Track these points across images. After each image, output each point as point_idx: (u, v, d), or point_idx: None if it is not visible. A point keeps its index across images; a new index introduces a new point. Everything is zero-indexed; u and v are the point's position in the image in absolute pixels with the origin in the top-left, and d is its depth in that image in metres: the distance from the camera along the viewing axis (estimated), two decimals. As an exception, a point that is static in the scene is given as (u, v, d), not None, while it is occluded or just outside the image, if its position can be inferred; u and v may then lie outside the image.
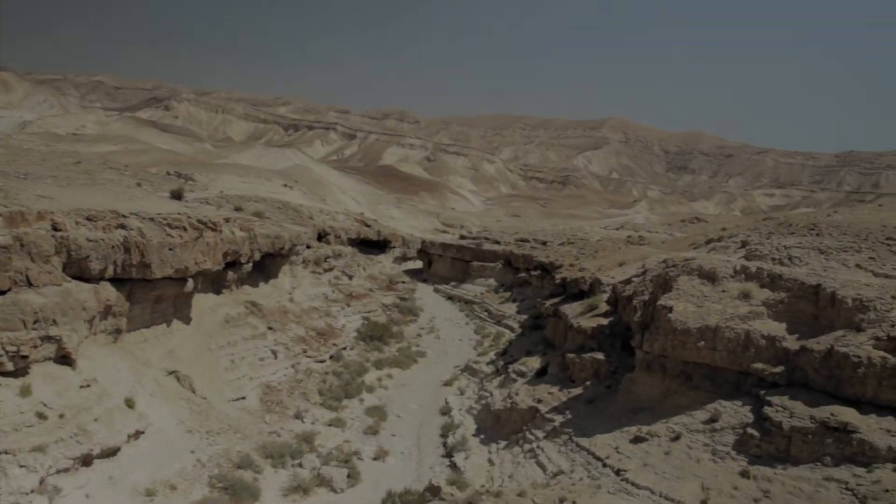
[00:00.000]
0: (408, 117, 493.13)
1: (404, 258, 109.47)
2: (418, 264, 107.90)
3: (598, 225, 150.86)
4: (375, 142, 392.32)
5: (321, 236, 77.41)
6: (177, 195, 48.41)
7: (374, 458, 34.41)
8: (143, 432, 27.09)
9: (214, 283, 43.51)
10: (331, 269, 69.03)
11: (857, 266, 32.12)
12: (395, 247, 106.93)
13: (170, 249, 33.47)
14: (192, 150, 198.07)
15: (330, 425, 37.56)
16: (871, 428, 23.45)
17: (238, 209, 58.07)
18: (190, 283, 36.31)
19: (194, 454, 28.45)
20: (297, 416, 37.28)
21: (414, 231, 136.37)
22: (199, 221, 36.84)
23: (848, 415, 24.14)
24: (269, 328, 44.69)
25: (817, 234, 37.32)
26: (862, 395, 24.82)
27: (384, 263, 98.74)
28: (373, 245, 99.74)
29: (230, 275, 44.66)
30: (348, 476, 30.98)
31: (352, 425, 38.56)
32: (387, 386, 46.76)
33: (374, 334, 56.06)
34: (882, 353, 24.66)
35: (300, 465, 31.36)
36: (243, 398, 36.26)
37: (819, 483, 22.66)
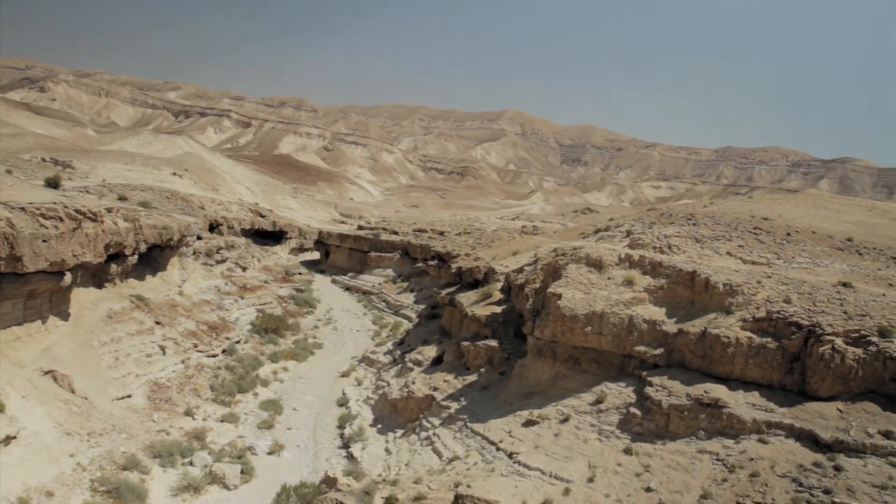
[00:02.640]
0: (305, 106, 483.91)
1: (301, 249, 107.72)
2: (315, 255, 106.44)
3: (495, 215, 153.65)
4: (271, 130, 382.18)
5: (213, 227, 75.04)
6: (53, 183, 45.42)
7: (269, 453, 33.87)
8: (14, 437, 25.39)
9: (96, 276, 41.26)
10: (223, 261, 66.97)
11: (728, 253, 34.48)
12: (291, 238, 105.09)
13: (44, 241, 31.43)
14: (72, 135, 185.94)
15: (222, 421, 36.58)
16: (739, 403, 25.37)
17: (122, 199, 55.32)
18: (68, 277, 34.26)
19: (74, 458, 26.96)
20: (188, 413, 36.05)
21: (311, 222, 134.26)
22: (77, 211, 34.77)
23: (719, 391, 26.00)
24: (157, 323, 42.91)
25: (694, 224, 39.74)
26: (731, 373, 26.83)
27: (280, 255, 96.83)
28: (268, 236, 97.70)
29: (114, 268, 42.47)
30: (242, 472, 30.35)
31: (245, 420, 37.71)
32: (282, 379, 46.00)
33: (269, 327, 54.91)
34: (748, 334, 26.70)
35: (191, 464, 30.38)
36: (129, 396, 34.65)
37: (693, 456, 24.29)
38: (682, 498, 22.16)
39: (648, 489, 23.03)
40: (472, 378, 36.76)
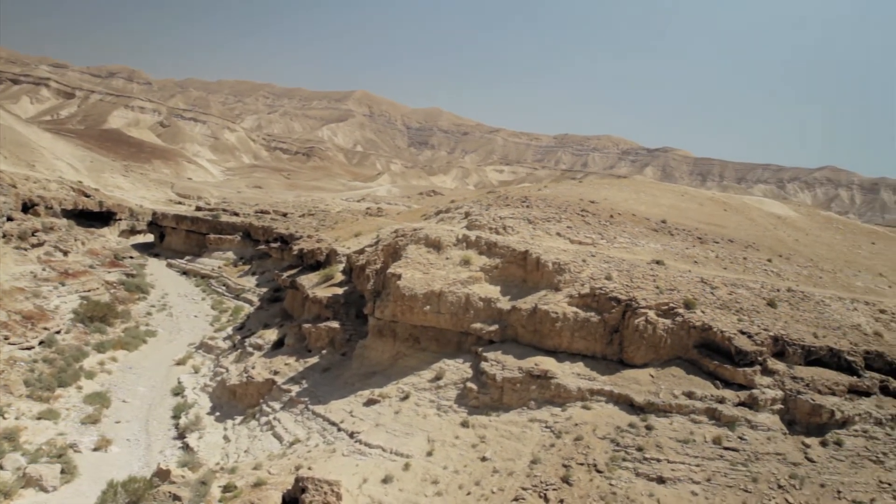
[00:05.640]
0: (138, 77, 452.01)
1: (133, 231, 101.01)
2: (149, 238, 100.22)
3: (341, 197, 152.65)
4: (99, 102, 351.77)
5: (28, 207, 68.59)
6: None
7: (95, 449, 31.69)
8: None
9: None
10: (40, 245, 61.29)
11: (558, 234, 36.64)
12: (121, 219, 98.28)
13: None
14: None
15: (39, 418, 33.64)
16: (566, 373, 27.22)
17: (-88, 175, 48.88)
18: None
19: None
20: (-3, 412, 32.82)
21: (144, 202, 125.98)
22: None
23: (548, 363, 27.74)
24: (-41, 314, 38.56)
25: (528, 206, 41.72)
26: (559, 346, 28.68)
27: (108, 237, 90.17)
28: (95, 217, 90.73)
29: None
30: (62, 472, 28.17)
31: (67, 416, 34.96)
32: (111, 370, 43.07)
33: (95, 315, 51.02)
34: (574, 309, 28.63)
35: (0, 467, 27.75)
36: (-77, 397, 30.99)
37: (525, 425, 25.78)
38: (514, 465, 23.47)
39: (484, 459, 24.17)
40: (314, 360, 36.47)
